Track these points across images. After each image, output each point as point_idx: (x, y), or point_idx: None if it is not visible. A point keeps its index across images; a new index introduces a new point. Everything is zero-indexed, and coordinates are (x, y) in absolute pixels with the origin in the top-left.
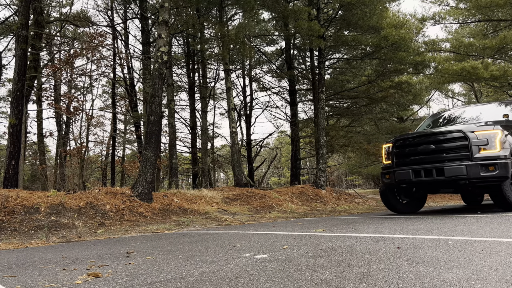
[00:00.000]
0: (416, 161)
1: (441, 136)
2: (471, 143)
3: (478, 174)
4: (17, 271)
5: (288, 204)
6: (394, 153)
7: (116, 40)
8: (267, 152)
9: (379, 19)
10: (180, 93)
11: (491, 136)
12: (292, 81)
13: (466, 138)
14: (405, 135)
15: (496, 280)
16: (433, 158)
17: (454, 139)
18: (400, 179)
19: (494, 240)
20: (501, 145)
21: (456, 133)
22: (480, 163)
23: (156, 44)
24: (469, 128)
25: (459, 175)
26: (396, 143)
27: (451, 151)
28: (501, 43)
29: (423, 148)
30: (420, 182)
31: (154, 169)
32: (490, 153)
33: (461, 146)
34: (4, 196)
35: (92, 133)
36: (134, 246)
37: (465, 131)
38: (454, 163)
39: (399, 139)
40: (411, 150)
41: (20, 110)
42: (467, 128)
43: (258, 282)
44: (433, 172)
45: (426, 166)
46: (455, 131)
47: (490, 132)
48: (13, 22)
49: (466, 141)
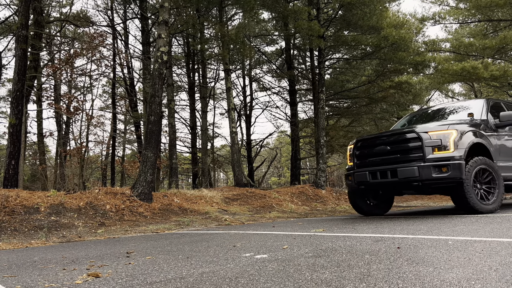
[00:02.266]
0: (373, 162)
1: (396, 137)
2: (424, 144)
3: (430, 175)
4: (17, 271)
5: (288, 204)
6: (355, 154)
7: (116, 40)
8: (267, 152)
9: (379, 19)
10: (180, 93)
11: (445, 136)
12: (292, 81)
13: (420, 139)
14: (365, 136)
15: (496, 280)
16: (389, 159)
17: (408, 140)
18: (359, 181)
19: (494, 240)
20: (455, 145)
21: (410, 134)
22: (432, 164)
23: (156, 44)
24: (424, 128)
25: (411, 176)
26: (357, 144)
27: (405, 152)
28: (501, 43)
29: (380, 149)
30: (376, 183)
31: (154, 169)
32: (443, 154)
33: (415, 147)
34: (4, 196)
35: (92, 133)
36: (134, 246)
37: (419, 132)
38: (407, 165)
39: (359, 140)
40: (369, 151)
41: (20, 110)
42: (422, 128)
43: (258, 282)
44: (387, 174)
45: (381, 167)
46: (409, 131)
47: (444, 133)
48: (13, 22)
49: (419, 142)
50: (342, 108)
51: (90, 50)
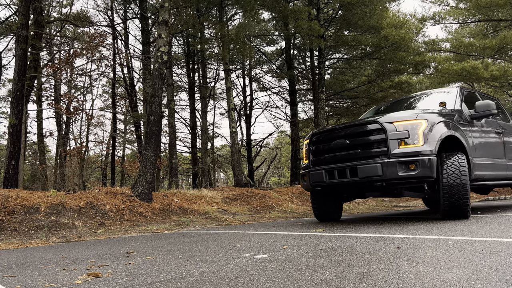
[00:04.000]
0: (331, 159)
1: (356, 129)
2: (389, 136)
3: (395, 174)
4: (17, 271)
5: (288, 204)
6: (311, 150)
7: (116, 40)
8: (267, 152)
9: (379, 19)
10: (180, 93)
11: (413, 127)
12: (292, 81)
13: (384, 130)
14: (322, 129)
15: (496, 280)
16: (348, 155)
17: (370, 132)
18: (314, 182)
19: (494, 240)
20: (425, 138)
21: (371, 125)
22: (398, 160)
23: (156, 44)
24: (388, 118)
25: (373, 175)
26: (312, 138)
27: (366, 146)
28: (501, 43)
29: (338, 143)
30: (334, 184)
31: (154, 169)
32: (411, 149)
33: (377, 141)
34: (4, 196)
35: (92, 133)
36: (134, 246)
37: (382, 122)
38: (369, 162)
39: (315, 133)
40: (326, 146)
41: (20, 110)
42: (386, 118)
43: (258, 282)
44: (346, 173)
45: (339, 165)
46: (371, 122)
47: (412, 123)
48: (13, 22)
49: (383, 134)
50: (342, 108)
51: (90, 50)
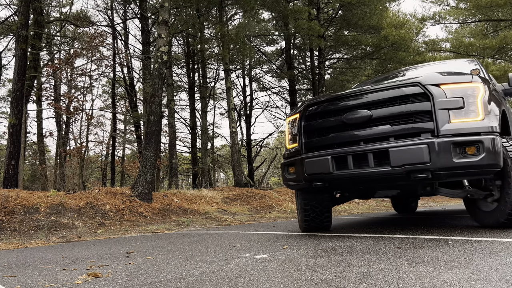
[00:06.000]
0: (340, 140)
1: (383, 94)
2: (436, 105)
3: (450, 161)
4: (17, 271)
5: (288, 204)
6: (303, 129)
7: (116, 40)
8: (267, 152)
9: (379, 19)
10: (180, 93)
11: (468, 93)
12: (292, 81)
13: (428, 96)
14: (320, 98)
15: (496, 280)
16: (372, 134)
17: (406, 98)
18: (312, 173)
19: (495, 240)
20: (485, 109)
21: (409, 88)
22: (453, 140)
23: (156, 44)
24: (432, 78)
25: (415, 163)
26: (307, 111)
27: (401, 119)
28: (501, 43)
29: (353, 116)
30: (345, 178)
31: (154, 169)
32: (468, 124)
33: (418, 111)
34: (4, 196)
35: (92, 133)
36: (134, 246)
37: (425, 84)
38: (407, 142)
39: (311, 104)
40: (332, 121)
41: (20, 110)
42: (429, 78)
43: (258, 282)
44: (369, 159)
45: (356, 148)
46: (408, 84)
47: (466, 86)
48: (13, 22)
49: (427, 102)
50: None
51: (90, 50)
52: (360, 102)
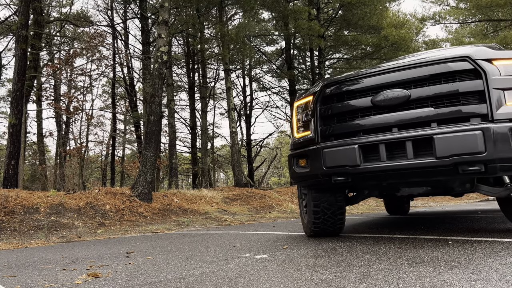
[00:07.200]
0: (368, 126)
1: (423, 71)
2: (490, 84)
3: (509, 151)
4: (17, 271)
5: (288, 204)
6: (319, 113)
7: (116, 40)
8: (267, 152)
9: (379, 19)
10: (180, 93)
11: None
12: (292, 81)
13: (479, 72)
14: (339, 77)
15: (496, 280)
16: (407, 117)
17: (452, 76)
18: (334, 166)
19: (495, 240)
20: None
21: (456, 63)
22: (510, 125)
23: (156, 44)
24: (483, 52)
25: (467, 153)
26: (324, 92)
27: (445, 101)
28: (501, 43)
29: (386, 97)
30: (376, 171)
31: (154, 169)
32: None
33: (468, 91)
34: (4, 196)
35: (92, 133)
36: (134, 246)
37: (476, 59)
38: (456, 128)
39: (330, 83)
40: (358, 103)
41: (20, 110)
42: (479, 52)
43: (258, 282)
44: (407, 148)
45: (391, 135)
46: (455, 58)
47: None
48: (13, 22)
49: (479, 80)
50: None
51: (90, 50)
52: (394, 81)
